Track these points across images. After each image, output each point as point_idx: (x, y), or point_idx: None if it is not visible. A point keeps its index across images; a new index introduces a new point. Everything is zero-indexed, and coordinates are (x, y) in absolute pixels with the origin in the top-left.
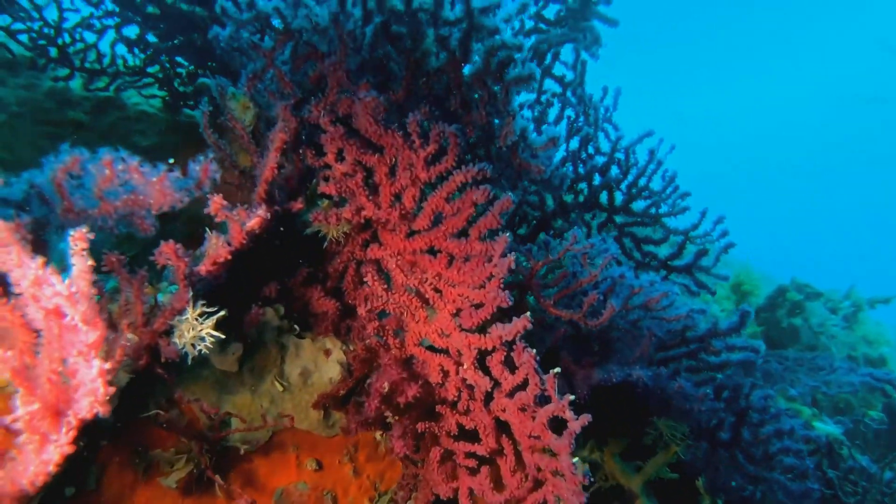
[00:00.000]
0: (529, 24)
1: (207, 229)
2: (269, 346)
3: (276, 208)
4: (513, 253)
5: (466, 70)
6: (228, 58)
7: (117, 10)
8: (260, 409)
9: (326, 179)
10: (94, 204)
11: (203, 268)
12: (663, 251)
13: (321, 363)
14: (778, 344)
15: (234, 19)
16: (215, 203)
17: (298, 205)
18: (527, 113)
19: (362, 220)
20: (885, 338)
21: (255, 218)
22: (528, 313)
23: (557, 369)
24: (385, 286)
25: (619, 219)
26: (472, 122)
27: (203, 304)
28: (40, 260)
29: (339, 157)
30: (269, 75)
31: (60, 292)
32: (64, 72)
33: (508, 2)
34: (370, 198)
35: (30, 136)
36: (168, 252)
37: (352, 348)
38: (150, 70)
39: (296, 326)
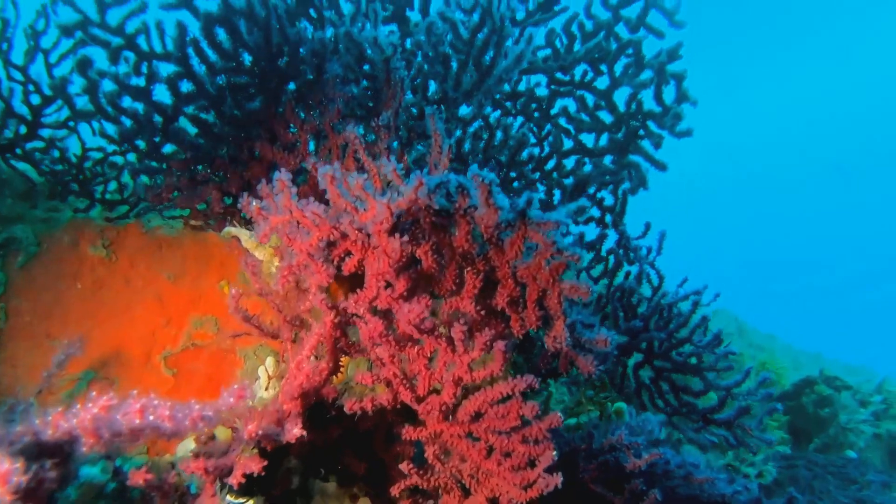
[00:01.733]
0: (568, 143)
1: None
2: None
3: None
4: (555, 452)
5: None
6: None
7: (142, 146)
8: None
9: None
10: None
11: (233, 479)
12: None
13: None
14: (804, 434)
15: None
16: (250, 434)
17: (332, 393)
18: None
19: (398, 405)
20: None
21: (289, 435)
22: None
23: None
24: (420, 470)
25: (657, 362)
26: (520, 320)
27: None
28: None
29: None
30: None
31: None
32: (84, 203)
33: (563, 210)
34: (407, 386)
35: (47, 279)
36: (198, 469)
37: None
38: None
39: (321, 470)
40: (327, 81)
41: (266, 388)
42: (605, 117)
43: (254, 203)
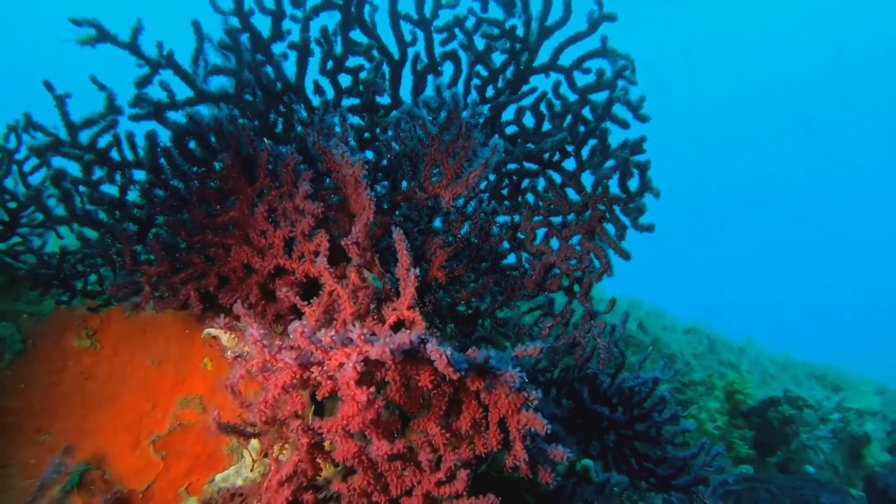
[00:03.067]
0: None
1: None
2: None
3: None
4: None
5: None
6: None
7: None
8: None
9: None
10: None
11: None
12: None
13: None
14: (768, 448)
15: None
16: None
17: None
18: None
19: None
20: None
21: None
22: None
23: None
24: None
25: (620, 430)
26: (483, 440)
27: None
28: None
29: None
30: None
31: None
32: (65, 297)
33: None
34: (381, 491)
35: (34, 375)
36: None
37: None
38: None
39: None
40: (298, 193)
41: (251, 470)
42: (572, 194)
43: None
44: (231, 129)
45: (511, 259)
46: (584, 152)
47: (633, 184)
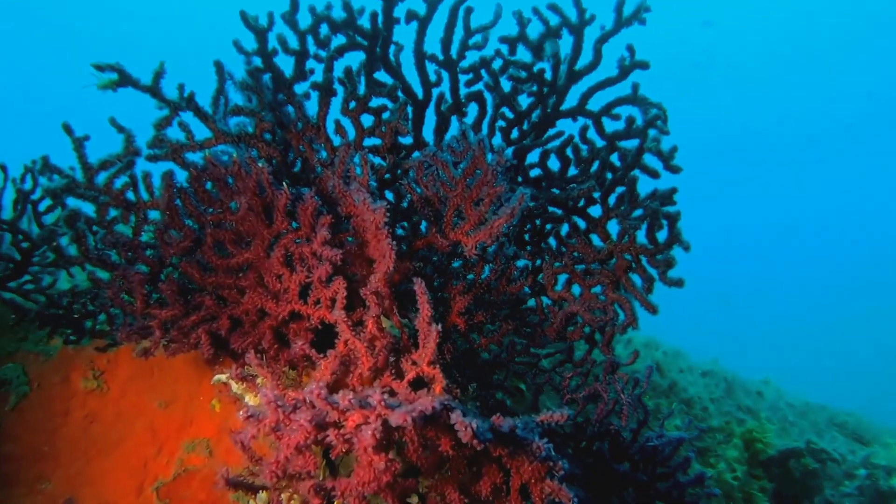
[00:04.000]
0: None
1: None
2: None
3: None
4: None
5: None
6: None
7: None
8: None
9: None
10: None
11: None
12: None
13: None
14: (789, 501)
15: None
16: None
17: None
18: None
19: None
20: None
21: None
22: None
23: None
24: None
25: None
26: None
27: None
28: None
29: None
30: None
31: None
32: (73, 336)
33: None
34: None
35: (39, 419)
36: None
37: None
38: None
39: None
40: (316, 239)
41: None
42: (597, 240)
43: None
44: (249, 172)
45: (531, 302)
46: (611, 199)
47: (662, 235)
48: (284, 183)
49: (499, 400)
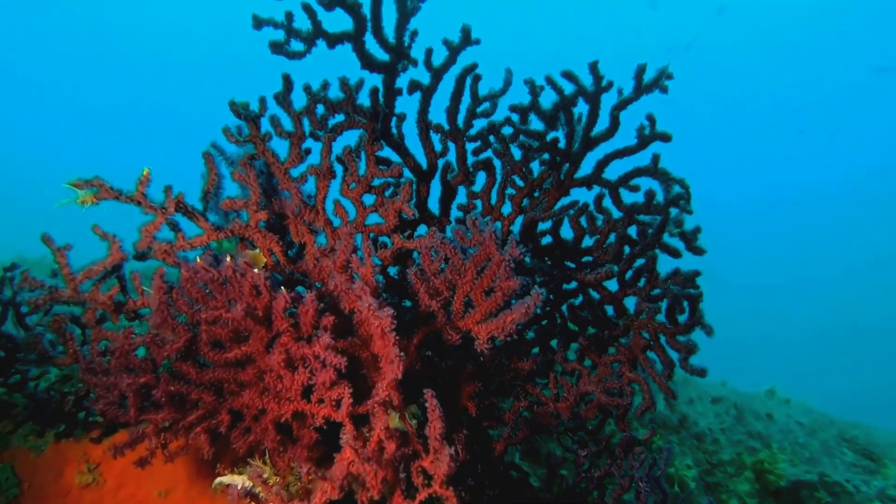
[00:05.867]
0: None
1: None
2: None
3: None
4: None
5: None
6: None
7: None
8: None
9: None
10: None
11: None
12: None
13: None
14: None
15: None
16: None
17: None
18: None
19: None
20: None
21: None
22: None
23: None
24: None
25: None
26: None
27: None
28: None
29: None
30: None
31: None
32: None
33: None
34: None
35: None
36: None
37: None
38: None
39: None
40: (319, 342)
41: None
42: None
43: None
44: (244, 275)
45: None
46: (628, 274)
47: (683, 315)
48: (281, 288)
49: (515, 479)
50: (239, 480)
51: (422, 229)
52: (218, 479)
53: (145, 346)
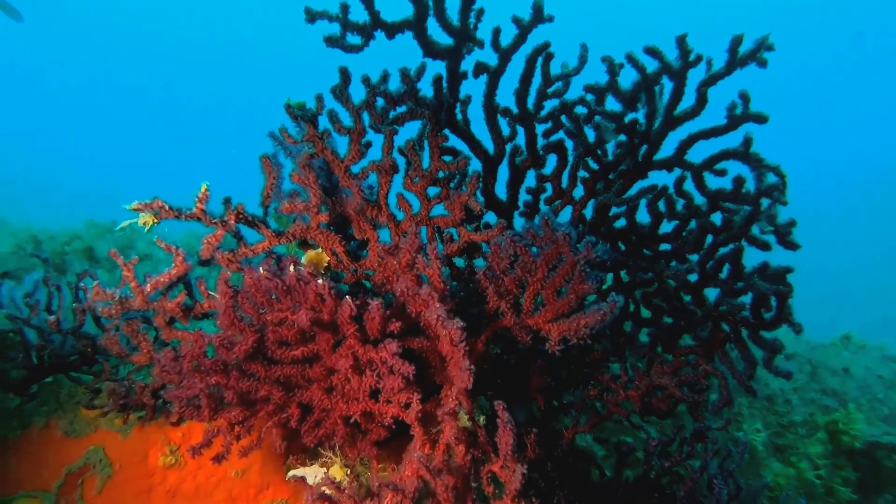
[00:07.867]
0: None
1: None
2: None
3: None
4: None
5: None
6: None
7: None
8: None
9: None
10: None
11: None
12: None
13: None
14: (876, 489)
15: None
16: None
17: None
18: None
19: None
20: None
21: None
22: None
23: None
24: None
25: None
26: None
27: None
28: None
29: None
30: None
31: None
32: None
33: None
34: None
35: (124, 501)
36: None
37: None
38: None
39: None
40: (385, 349)
41: None
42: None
43: None
44: (307, 283)
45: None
46: (709, 264)
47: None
48: (346, 297)
49: (583, 473)
50: (311, 473)
51: (489, 217)
52: (291, 472)
53: (214, 347)
